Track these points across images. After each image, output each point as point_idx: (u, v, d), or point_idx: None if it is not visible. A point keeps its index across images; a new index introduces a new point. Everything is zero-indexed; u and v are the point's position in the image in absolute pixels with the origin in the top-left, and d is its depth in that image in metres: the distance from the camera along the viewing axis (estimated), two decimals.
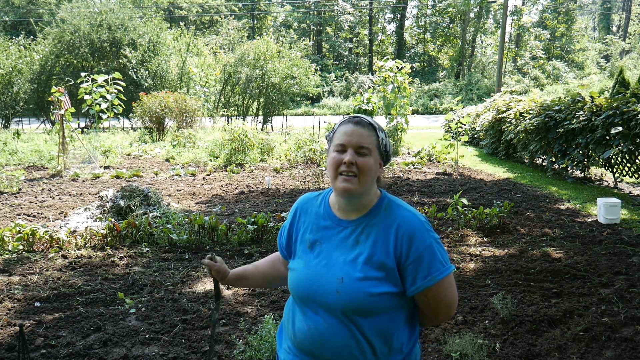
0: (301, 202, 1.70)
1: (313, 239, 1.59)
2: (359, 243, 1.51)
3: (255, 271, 1.84)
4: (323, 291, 1.48)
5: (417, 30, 46.44)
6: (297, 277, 1.57)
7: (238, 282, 1.84)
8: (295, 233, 1.66)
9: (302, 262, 1.58)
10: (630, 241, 5.24)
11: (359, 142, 1.51)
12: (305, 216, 1.65)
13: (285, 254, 1.72)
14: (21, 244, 5.02)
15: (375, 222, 1.53)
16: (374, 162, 1.52)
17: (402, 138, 14.15)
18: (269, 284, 1.88)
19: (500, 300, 3.56)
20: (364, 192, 1.53)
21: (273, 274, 1.82)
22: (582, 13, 52.66)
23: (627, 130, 7.27)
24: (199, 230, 5.32)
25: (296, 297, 1.58)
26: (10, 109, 19.27)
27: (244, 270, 1.84)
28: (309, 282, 1.52)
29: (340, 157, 1.51)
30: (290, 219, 1.70)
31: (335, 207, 1.60)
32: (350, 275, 1.46)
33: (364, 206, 1.56)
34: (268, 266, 1.84)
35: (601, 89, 25.02)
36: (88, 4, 21.21)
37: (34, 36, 22.41)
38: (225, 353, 3.08)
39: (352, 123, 1.54)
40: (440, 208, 6.63)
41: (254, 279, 1.84)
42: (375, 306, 1.46)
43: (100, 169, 10.21)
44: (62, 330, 3.35)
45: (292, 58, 20.23)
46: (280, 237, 1.75)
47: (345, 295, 1.45)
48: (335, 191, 1.56)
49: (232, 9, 44.09)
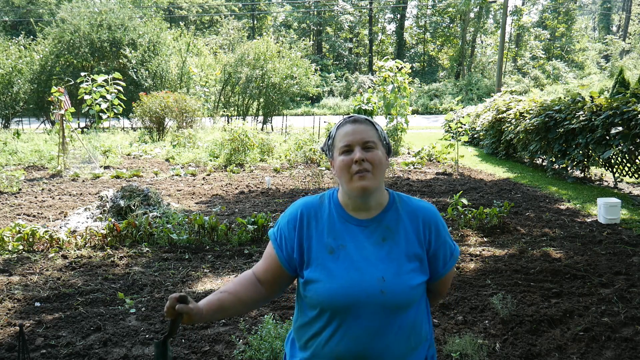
0: (305, 208, 1.58)
1: (334, 244, 1.50)
2: (386, 239, 1.50)
3: (235, 299, 1.55)
4: (365, 295, 1.42)
5: (417, 30, 46.45)
6: (328, 287, 1.45)
7: (214, 316, 1.52)
8: (307, 241, 1.53)
9: (324, 270, 1.47)
10: (630, 241, 5.24)
11: (363, 138, 1.50)
12: (315, 221, 1.55)
13: (286, 266, 1.56)
14: (21, 244, 5.02)
15: (396, 216, 1.54)
16: (382, 155, 1.53)
17: (402, 138, 14.15)
18: (249, 309, 1.63)
19: (500, 300, 3.56)
20: (379, 187, 1.53)
21: (254, 297, 1.58)
22: (582, 13, 52.68)
23: (627, 130, 7.27)
24: (199, 230, 5.32)
25: (329, 308, 1.45)
26: (10, 109, 19.28)
27: (221, 302, 1.52)
28: (346, 289, 1.43)
29: (349, 157, 1.48)
30: (296, 228, 1.55)
31: (348, 208, 1.55)
32: (390, 272, 1.45)
33: (379, 202, 1.55)
34: (248, 289, 1.58)
35: (601, 89, 25.01)
36: (88, 4, 21.23)
37: (34, 36, 22.42)
38: (225, 353, 3.08)
39: (349, 123, 1.54)
40: (440, 208, 6.63)
41: (234, 308, 1.57)
42: (414, 298, 1.48)
43: (100, 169, 10.21)
44: (62, 330, 3.35)
45: (292, 58, 20.23)
46: (278, 248, 1.57)
47: (391, 293, 1.43)
48: (352, 192, 1.49)
49: (232, 9, 44.08)
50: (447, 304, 3.71)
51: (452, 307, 3.68)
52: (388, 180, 9.09)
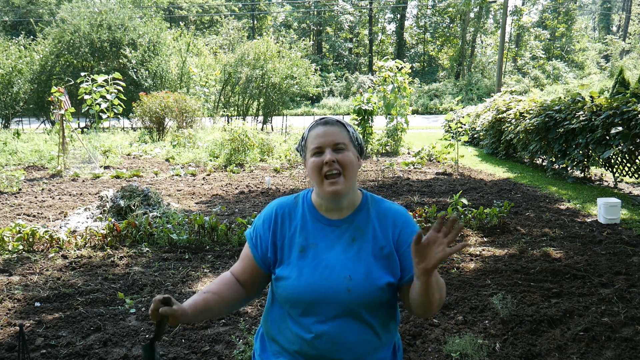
0: (279, 208, 1.62)
1: (305, 242, 1.55)
2: (356, 239, 1.53)
3: (219, 299, 1.56)
4: (332, 292, 1.46)
5: (417, 30, 46.46)
6: (296, 284, 1.50)
7: (198, 316, 1.51)
8: (280, 240, 1.58)
9: (295, 268, 1.52)
10: (630, 241, 5.24)
11: (333, 140, 1.53)
12: (289, 221, 1.59)
13: (261, 265, 1.59)
14: (21, 244, 5.02)
15: (367, 216, 1.56)
16: (353, 156, 1.55)
17: (402, 138, 14.15)
18: (232, 309, 1.65)
19: (500, 300, 3.56)
20: (350, 189, 1.55)
21: (237, 297, 1.61)
22: (582, 13, 52.68)
23: (627, 130, 7.27)
24: (199, 230, 5.32)
25: (297, 305, 1.51)
26: (10, 109, 19.29)
27: (205, 302, 1.53)
28: (314, 287, 1.48)
29: (320, 159, 1.51)
30: (270, 226, 1.59)
31: (321, 208, 1.59)
32: (358, 272, 1.48)
33: (351, 203, 1.58)
34: (231, 289, 1.60)
35: (601, 89, 25.01)
36: (88, 4, 21.23)
37: (34, 36, 22.42)
38: (225, 353, 3.08)
39: (320, 125, 1.57)
40: (440, 208, 6.63)
41: (218, 308, 1.57)
42: (382, 298, 1.50)
43: (100, 169, 10.21)
44: (62, 330, 3.35)
45: (292, 58, 20.23)
46: (254, 248, 1.61)
47: (357, 292, 1.46)
48: (324, 195, 1.53)
49: (232, 9, 44.11)
50: (447, 304, 3.71)
51: (452, 307, 3.68)
52: (388, 180, 9.10)
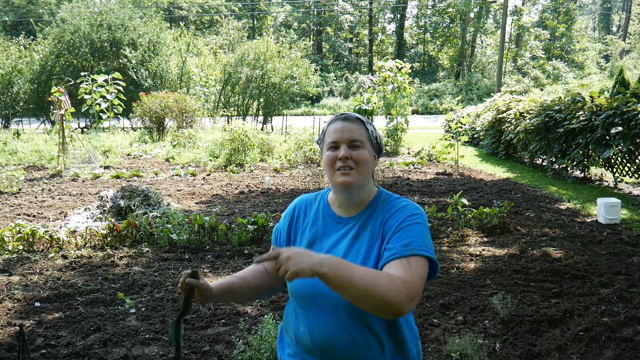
0: (299, 203, 1.69)
1: (313, 237, 1.58)
2: (359, 236, 1.53)
3: (243, 284, 1.64)
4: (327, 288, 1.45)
5: (417, 30, 46.46)
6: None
7: (223, 297, 1.59)
8: (294, 234, 1.64)
9: None
10: (630, 241, 5.24)
11: (350, 137, 1.53)
12: (305, 217, 1.65)
13: None
14: (21, 244, 5.02)
15: (374, 215, 1.55)
16: (368, 154, 1.55)
17: (402, 138, 14.15)
18: (256, 296, 1.73)
19: (500, 300, 3.56)
20: (362, 185, 1.55)
21: (262, 285, 1.68)
22: (582, 13, 52.66)
23: (627, 130, 7.27)
24: (199, 230, 5.32)
25: (300, 297, 1.55)
26: (10, 109, 19.29)
27: (230, 284, 1.61)
28: (311, 281, 1.48)
29: (335, 153, 1.53)
30: (287, 221, 1.67)
31: (335, 204, 1.61)
32: None
33: (363, 201, 1.57)
34: (257, 277, 1.67)
35: (601, 89, 25.00)
36: (88, 4, 21.22)
37: (34, 36, 22.43)
38: (225, 353, 3.08)
39: (340, 120, 1.57)
40: (440, 208, 6.63)
41: (242, 292, 1.65)
42: None
43: (100, 169, 10.21)
44: (62, 330, 3.35)
45: (292, 58, 20.24)
46: (275, 241, 1.69)
47: None
48: (335, 187, 1.56)
49: (232, 9, 44.10)
50: (447, 304, 3.71)
51: (452, 307, 3.68)
52: (388, 180, 9.09)
